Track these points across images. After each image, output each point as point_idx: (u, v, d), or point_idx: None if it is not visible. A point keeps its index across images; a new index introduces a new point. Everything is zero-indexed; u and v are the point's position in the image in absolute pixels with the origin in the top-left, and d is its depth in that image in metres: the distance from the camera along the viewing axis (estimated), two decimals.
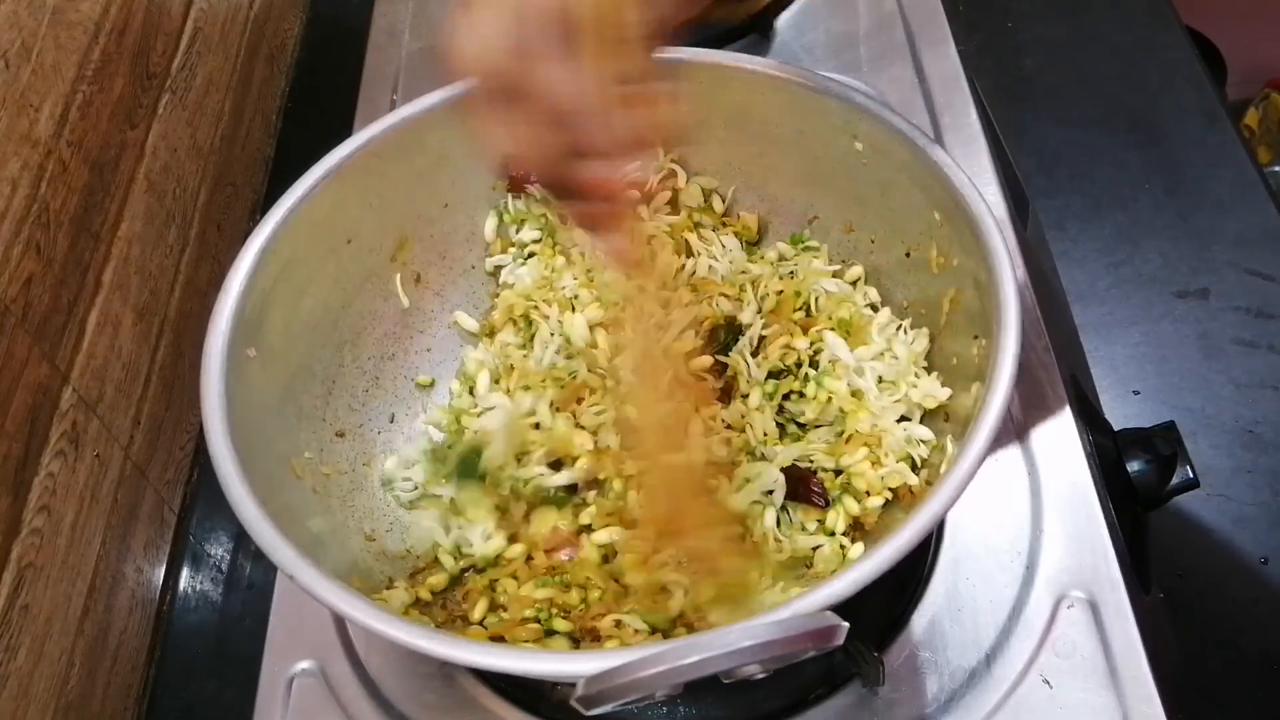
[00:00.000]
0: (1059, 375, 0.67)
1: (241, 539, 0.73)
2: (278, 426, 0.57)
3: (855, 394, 0.60)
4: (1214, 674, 0.63)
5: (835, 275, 0.65)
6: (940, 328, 0.59)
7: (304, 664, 0.60)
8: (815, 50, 0.90)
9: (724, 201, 0.70)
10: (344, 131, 0.61)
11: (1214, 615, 0.65)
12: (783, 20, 0.93)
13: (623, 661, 0.37)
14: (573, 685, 0.38)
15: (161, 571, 0.72)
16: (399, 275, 0.67)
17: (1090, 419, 0.67)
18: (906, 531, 0.42)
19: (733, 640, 0.35)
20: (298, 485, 0.56)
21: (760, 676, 0.38)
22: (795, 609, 0.40)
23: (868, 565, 0.41)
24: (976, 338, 0.54)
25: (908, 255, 0.61)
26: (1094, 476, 0.62)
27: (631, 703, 0.37)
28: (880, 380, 0.60)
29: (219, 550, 0.73)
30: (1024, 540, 0.61)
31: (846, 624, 0.37)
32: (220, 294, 0.54)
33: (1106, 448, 0.65)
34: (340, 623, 0.61)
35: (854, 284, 0.65)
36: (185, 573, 0.72)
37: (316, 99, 1.01)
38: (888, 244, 0.63)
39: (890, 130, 0.57)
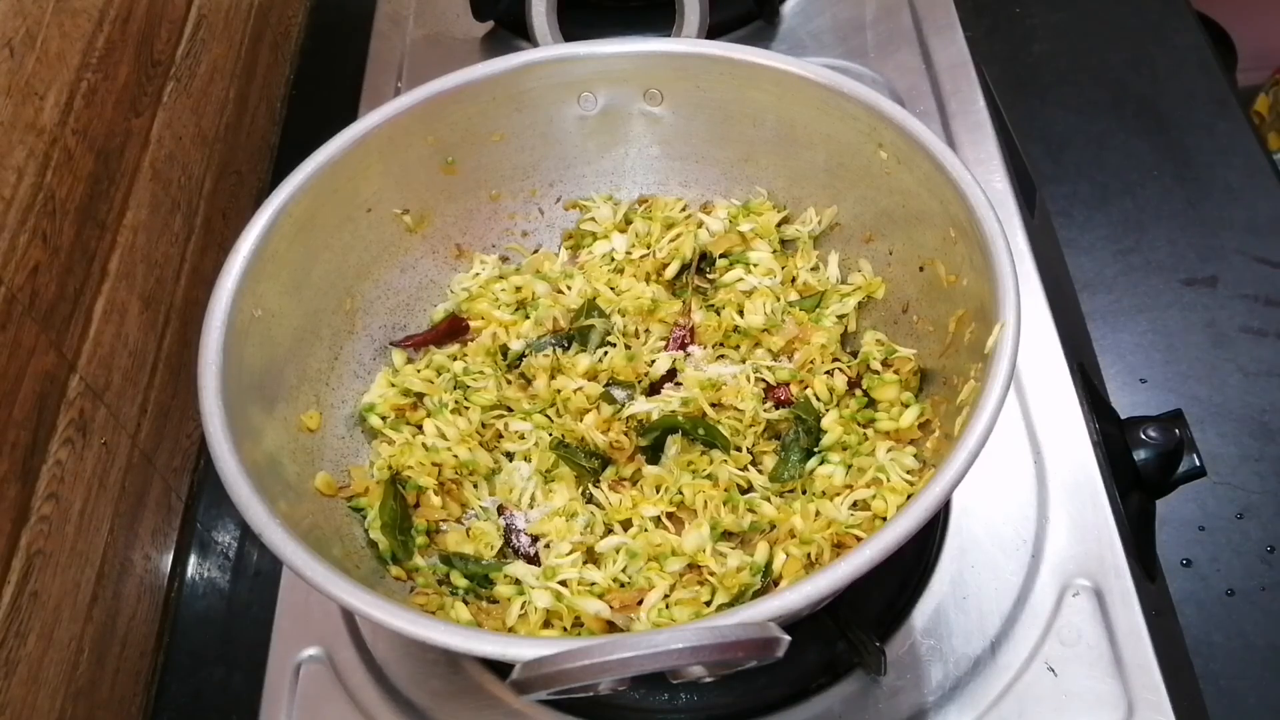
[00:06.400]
0: (1065, 363, 0.67)
1: (249, 526, 0.73)
2: (277, 387, 0.57)
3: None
4: (1220, 662, 0.63)
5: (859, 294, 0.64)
6: (945, 347, 0.58)
7: (311, 650, 0.60)
8: (822, 36, 0.89)
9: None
10: (349, 119, 0.61)
11: (1220, 604, 0.65)
12: (788, 5, 0.92)
13: (554, 651, 0.37)
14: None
15: (169, 558, 0.72)
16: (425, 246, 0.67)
17: (1097, 407, 0.67)
18: (867, 550, 0.42)
19: (661, 642, 0.35)
20: (287, 440, 0.56)
21: (708, 680, 0.38)
22: (741, 617, 0.40)
23: (822, 580, 0.41)
24: (974, 378, 0.52)
25: (921, 270, 0.60)
26: (1100, 465, 0.62)
27: (564, 692, 0.37)
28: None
29: (226, 538, 0.73)
30: (1030, 528, 0.61)
31: (788, 637, 0.37)
32: (231, 252, 0.55)
33: (1113, 436, 0.65)
34: (347, 610, 0.61)
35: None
36: (193, 560, 0.73)
37: (321, 86, 1.00)
38: (905, 258, 0.62)
39: (913, 141, 0.56)
